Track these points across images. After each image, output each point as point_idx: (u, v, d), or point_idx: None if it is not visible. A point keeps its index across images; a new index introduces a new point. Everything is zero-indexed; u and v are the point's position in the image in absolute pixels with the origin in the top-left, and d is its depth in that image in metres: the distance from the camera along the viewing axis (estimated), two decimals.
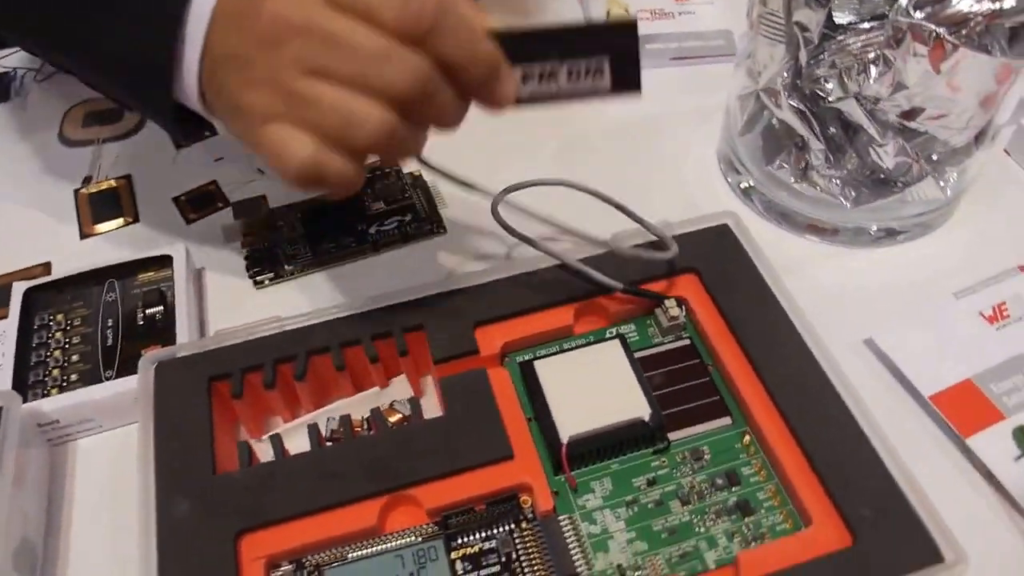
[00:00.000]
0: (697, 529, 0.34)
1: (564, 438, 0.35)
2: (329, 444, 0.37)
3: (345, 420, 0.37)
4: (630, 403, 0.36)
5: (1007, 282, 0.44)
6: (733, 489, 0.35)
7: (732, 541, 0.34)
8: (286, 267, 0.47)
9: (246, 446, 0.37)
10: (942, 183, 0.45)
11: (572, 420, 0.35)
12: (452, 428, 0.36)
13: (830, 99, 0.42)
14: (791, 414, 0.36)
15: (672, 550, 0.34)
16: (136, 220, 0.50)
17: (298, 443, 0.37)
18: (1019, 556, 0.35)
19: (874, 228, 0.46)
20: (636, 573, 0.33)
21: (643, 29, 0.60)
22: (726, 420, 0.37)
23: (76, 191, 0.52)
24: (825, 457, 0.34)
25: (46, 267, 0.48)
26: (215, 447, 0.36)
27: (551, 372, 0.37)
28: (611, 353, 0.38)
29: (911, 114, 0.40)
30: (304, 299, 0.45)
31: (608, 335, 0.41)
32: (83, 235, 0.50)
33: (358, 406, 0.39)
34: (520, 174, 0.43)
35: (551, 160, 0.52)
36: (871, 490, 0.33)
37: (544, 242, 0.41)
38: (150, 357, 0.38)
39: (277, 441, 0.36)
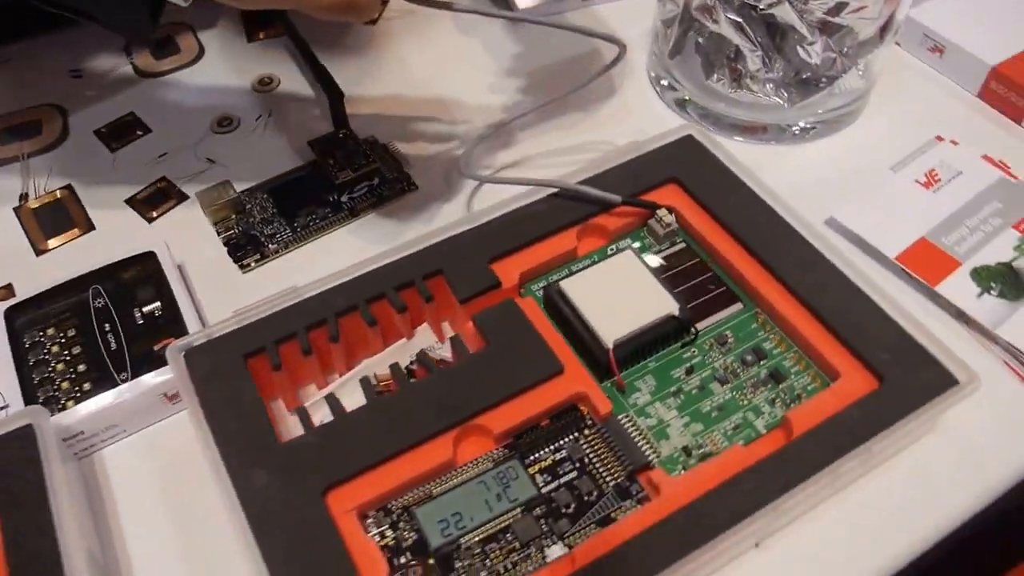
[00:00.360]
0: (741, 403, 0.37)
1: (609, 343, 0.37)
2: (382, 395, 0.37)
3: (395, 368, 0.37)
4: (658, 303, 0.38)
5: (930, 152, 0.49)
6: (761, 363, 0.38)
7: (774, 406, 0.37)
8: (269, 247, 0.46)
9: (304, 411, 0.36)
10: (860, 73, 0.49)
11: (611, 327, 0.37)
12: (499, 356, 0.37)
13: (762, 6, 0.45)
14: (796, 286, 0.39)
15: (725, 425, 0.36)
16: (92, 228, 0.48)
17: (348, 401, 0.37)
18: (997, 375, 0.40)
19: (804, 123, 0.50)
20: (700, 451, 0.36)
21: None
22: (738, 306, 0.40)
23: (16, 209, 0.49)
24: (836, 317, 0.38)
25: (8, 289, 0.44)
26: (271, 417, 0.35)
27: (579, 289, 0.38)
28: (628, 263, 0.39)
29: (836, 9, 0.44)
30: (298, 273, 0.44)
31: (609, 252, 0.42)
32: (38, 252, 0.47)
33: (390, 359, 0.39)
34: (464, 122, 0.44)
35: (498, 106, 0.53)
36: (883, 337, 0.37)
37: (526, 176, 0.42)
38: (176, 348, 0.37)
39: (334, 400, 0.36)
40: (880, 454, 0.35)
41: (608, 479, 0.35)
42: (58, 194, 0.49)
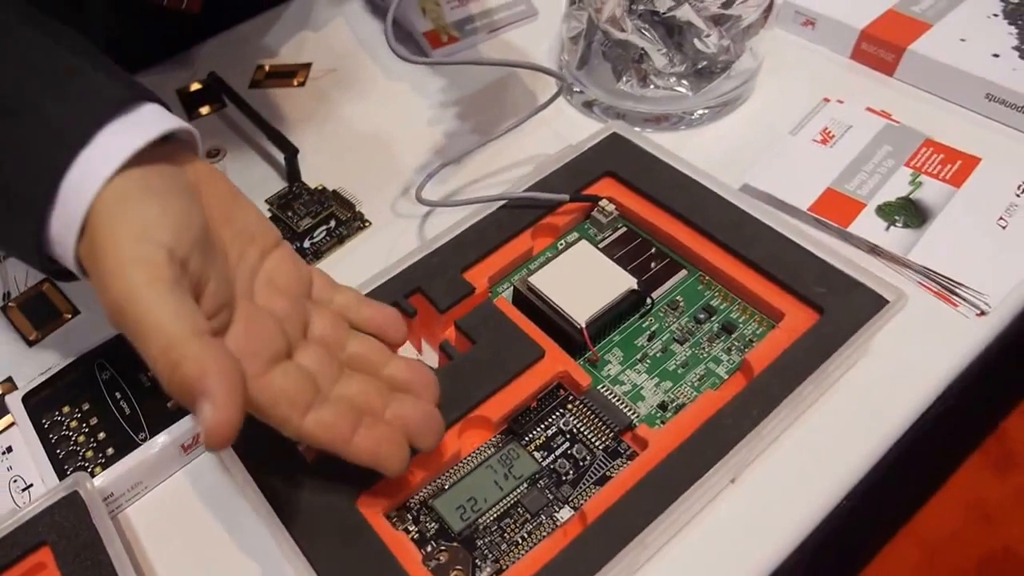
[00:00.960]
0: (701, 356, 0.40)
1: (581, 323, 0.39)
2: None
3: None
4: (617, 281, 0.41)
5: (821, 112, 0.53)
6: (713, 319, 0.42)
7: (731, 353, 0.40)
8: None
9: None
10: (749, 55, 0.53)
11: (580, 309, 0.40)
12: (487, 351, 0.39)
13: (663, 10, 0.49)
14: (730, 244, 0.42)
15: (691, 378, 0.39)
16: (77, 312, 0.49)
17: None
18: (914, 295, 0.44)
19: (706, 107, 0.54)
20: (674, 404, 0.39)
21: (455, 15, 0.64)
22: (683, 273, 0.43)
23: (2, 309, 0.49)
24: (771, 264, 0.41)
25: (9, 382, 0.45)
26: (293, 443, 0.37)
27: (546, 281, 0.41)
28: (584, 252, 0.42)
29: (729, 3, 0.48)
30: None
31: (560, 246, 0.45)
32: (31, 343, 0.48)
33: None
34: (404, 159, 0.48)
35: (434, 140, 0.56)
36: (815, 275, 0.40)
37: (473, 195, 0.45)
38: None
39: None
40: (830, 376, 0.38)
41: (598, 443, 0.37)
42: (41, 288, 0.50)
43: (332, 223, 0.51)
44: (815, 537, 0.36)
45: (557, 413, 0.38)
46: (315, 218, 0.51)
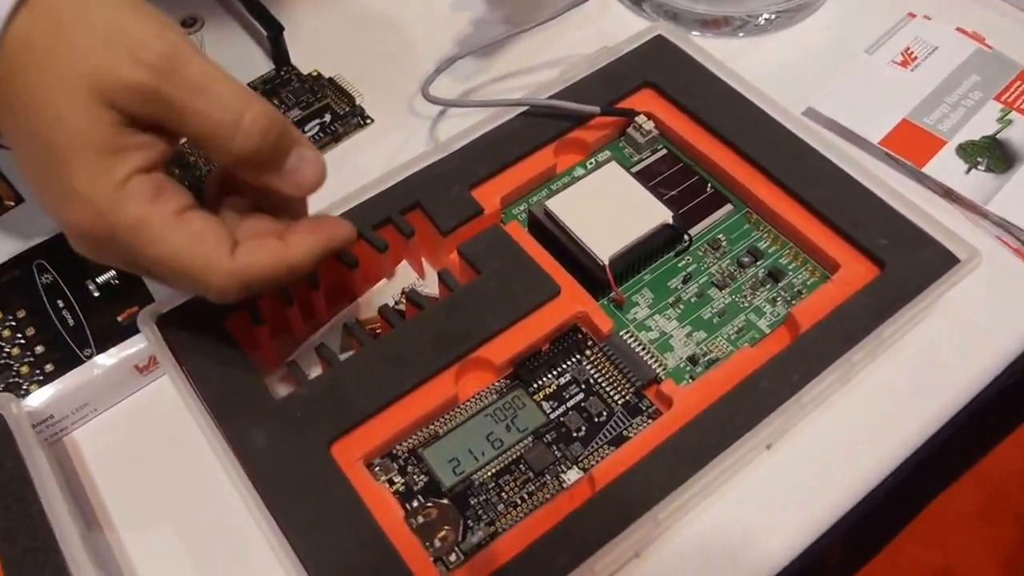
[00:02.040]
0: (742, 305, 0.38)
1: (604, 259, 0.37)
2: (375, 339, 0.37)
3: (385, 309, 0.37)
4: (650, 212, 0.39)
5: (904, 30, 0.50)
6: (758, 263, 0.40)
7: (776, 305, 0.38)
8: None
9: (295, 364, 0.36)
10: None
11: (604, 242, 0.38)
12: (493, 283, 0.37)
13: None
14: (784, 180, 0.40)
15: (728, 330, 0.38)
16: (21, 200, 0.47)
17: (338, 349, 0.37)
18: (991, 250, 0.42)
19: (769, 12, 0.51)
20: (706, 358, 0.37)
21: None
22: (728, 207, 0.41)
23: None
24: (829, 207, 0.39)
25: None
26: (259, 375, 0.35)
27: (566, 207, 0.39)
28: (614, 175, 0.40)
29: None
30: None
31: (589, 165, 0.43)
32: None
33: (374, 302, 0.39)
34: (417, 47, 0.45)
35: (451, 32, 0.53)
36: (879, 222, 0.38)
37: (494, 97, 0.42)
38: (147, 315, 0.37)
39: (325, 350, 0.36)
40: (886, 340, 0.37)
41: (616, 398, 0.36)
42: None
43: (327, 117, 0.48)
44: (857, 511, 0.36)
45: (572, 360, 0.37)
46: (306, 109, 0.49)
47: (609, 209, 0.39)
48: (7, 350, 0.39)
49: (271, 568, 0.32)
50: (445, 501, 0.34)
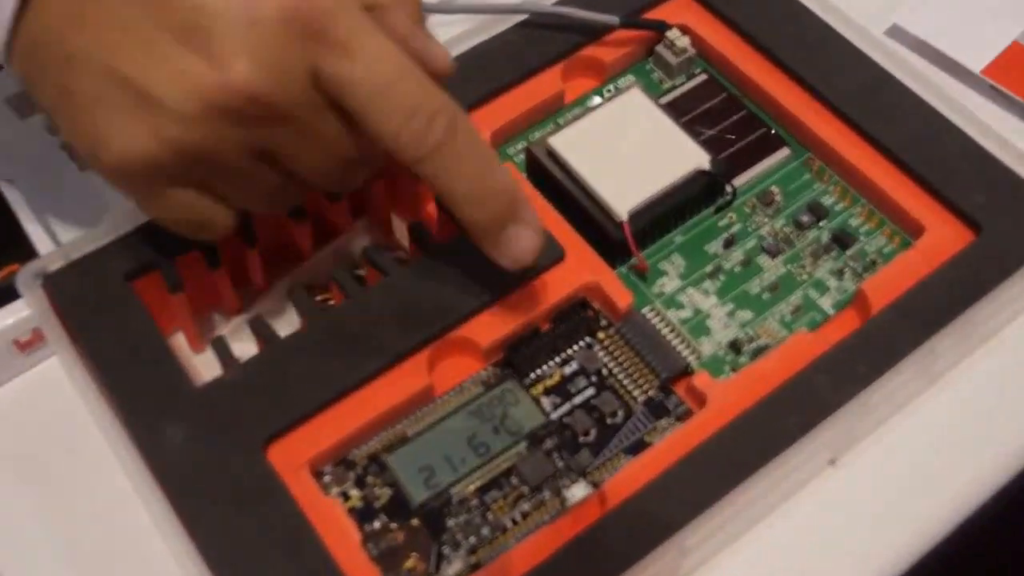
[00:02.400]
0: (800, 278, 0.38)
1: (622, 215, 0.37)
2: (325, 311, 0.37)
3: (339, 274, 0.37)
4: (681, 156, 0.39)
5: None
6: (821, 224, 0.40)
7: (843, 279, 0.38)
8: None
9: (222, 342, 0.36)
10: None
11: (622, 193, 0.38)
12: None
13: None
14: (858, 118, 0.40)
15: (781, 308, 0.38)
16: None
17: (279, 324, 0.37)
18: None
19: None
20: (752, 345, 0.37)
21: None
22: (784, 151, 0.41)
23: None
24: (914, 154, 0.39)
25: None
26: (176, 355, 0.35)
27: (575, 147, 0.39)
28: (637, 106, 0.40)
29: None
30: None
31: (606, 93, 0.43)
32: None
33: (327, 264, 0.39)
34: None
35: None
36: (977, 175, 0.38)
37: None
38: (28, 275, 0.36)
39: (261, 325, 0.36)
40: (983, 326, 0.37)
41: (636, 393, 0.36)
42: None
43: None
44: (949, 546, 0.36)
45: (579, 344, 0.37)
46: None
47: (630, 150, 0.39)
48: None
49: None
50: (415, 522, 0.34)
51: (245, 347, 0.37)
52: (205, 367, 0.38)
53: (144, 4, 0.30)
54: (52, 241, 0.40)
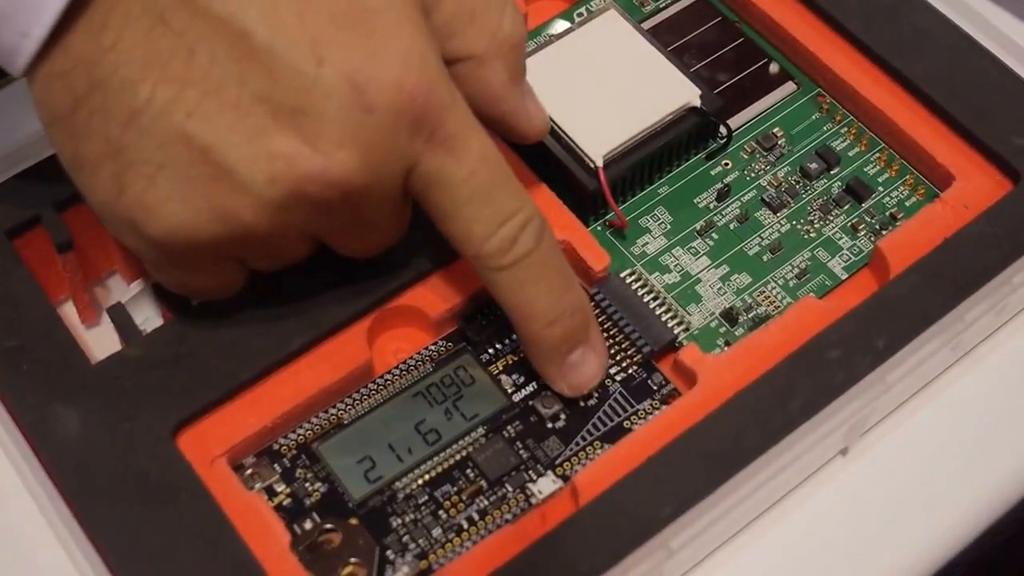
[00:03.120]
0: (806, 235, 0.40)
1: (596, 160, 0.39)
2: None
3: None
4: (667, 90, 0.40)
5: None
6: (832, 172, 0.41)
7: (857, 236, 0.40)
8: None
9: (122, 310, 0.37)
10: None
11: (596, 134, 0.39)
12: None
13: None
14: (877, 47, 0.41)
15: (784, 272, 0.40)
16: None
17: None
18: None
19: None
20: (750, 314, 0.39)
21: None
22: (789, 86, 0.43)
23: None
24: (942, 89, 0.41)
25: None
26: (67, 325, 0.36)
27: (539, 80, 0.39)
28: (611, 30, 0.41)
29: None
30: None
31: (577, 16, 0.44)
32: None
33: None
34: None
35: None
36: (1014, 113, 0.40)
37: None
38: None
39: (167, 291, 0.37)
40: (1020, 290, 0.38)
41: (613, 371, 0.37)
42: None
43: None
44: (977, 548, 0.37)
45: None
46: None
47: (606, 84, 0.40)
48: None
49: None
50: (353, 521, 0.35)
51: (148, 317, 0.39)
52: (99, 342, 0.39)
53: (243, 69, 0.30)
54: None
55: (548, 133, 0.39)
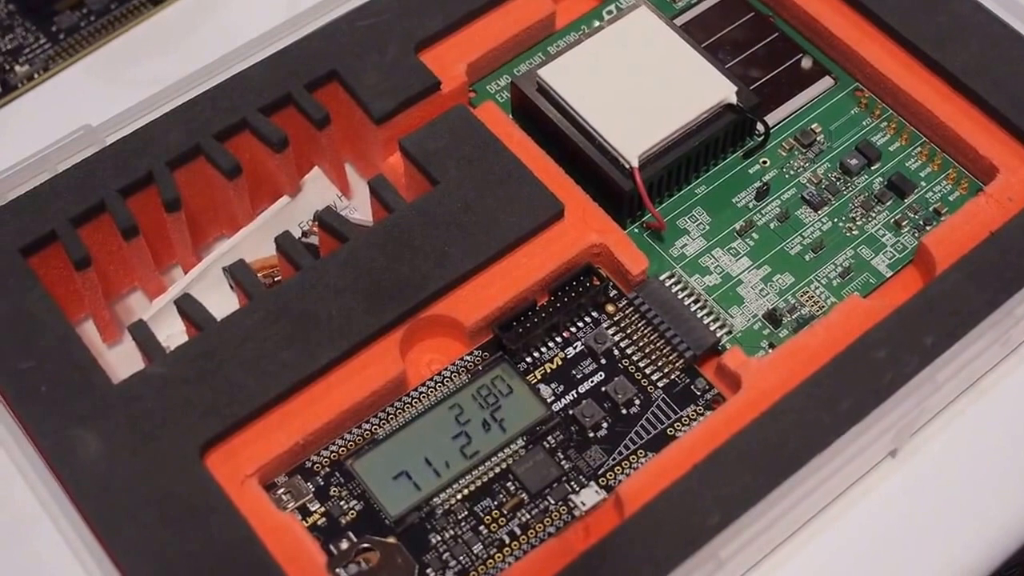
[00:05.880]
0: (849, 233, 0.40)
1: (632, 160, 0.39)
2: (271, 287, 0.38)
3: (285, 241, 0.38)
4: (703, 87, 0.40)
5: None
6: (874, 168, 0.41)
7: (900, 232, 0.40)
8: (16, 70, 0.46)
9: (143, 328, 0.37)
10: None
11: (631, 134, 0.39)
12: (456, 200, 0.38)
13: None
14: (917, 39, 0.41)
15: (827, 271, 0.39)
16: None
17: (212, 305, 0.38)
18: None
19: None
20: (794, 315, 0.39)
21: None
22: (826, 81, 0.43)
23: None
24: (984, 81, 0.40)
25: None
26: (87, 346, 0.36)
27: (571, 78, 0.40)
28: (643, 27, 0.41)
29: None
30: (85, 105, 0.44)
31: (606, 15, 0.44)
32: None
33: (269, 232, 0.40)
34: None
35: None
36: None
37: None
38: None
39: (192, 304, 0.37)
40: None
41: (655, 377, 0.37)
42: None
43: None
44: None
45: (584, 320, 0.38)
46: None
47: (639, 82, 0.40)
48: None
49: None
50: (391, 540, 0.35)
51: (171, 334, 0.39)
52: (121, 361, 0.39)
53: None
54: None
55: (580, 133, 0.39)
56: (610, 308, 0.38)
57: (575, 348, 0.38)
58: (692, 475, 0.34)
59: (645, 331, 0.38)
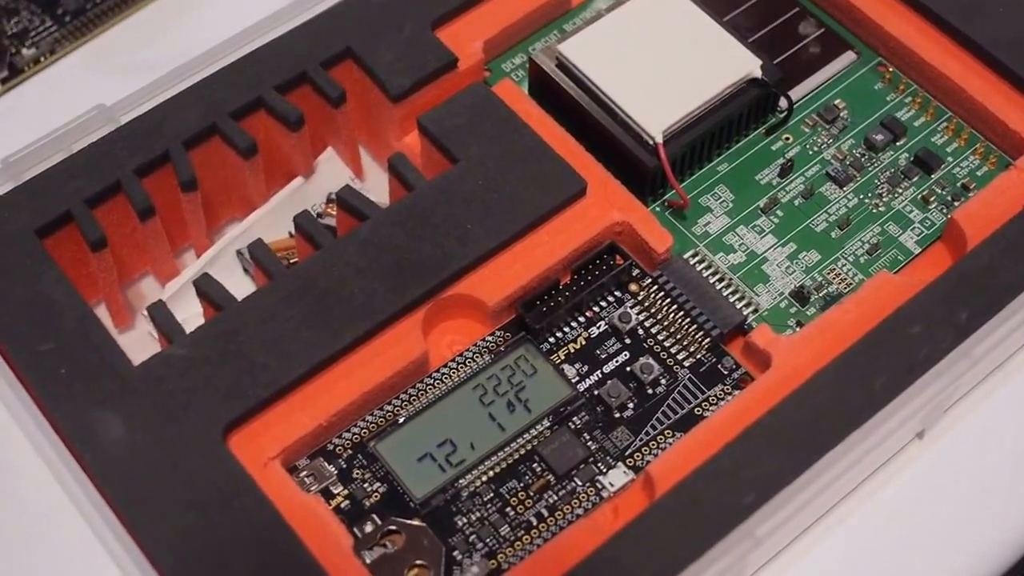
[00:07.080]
0: (876, 210, 0.40)
1: (656, 136, 0.39)
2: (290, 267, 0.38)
3: (304, 220, 0.38)
4: (726, 61, 0.40)
5: None
6: (899, 143, 0.41)
7: (928, 208, 0.40)
8: (23, 52, 0.46)
9: (163, 309, 0.37)
10: None
11: (654, 109, 0.39)
12: (477, 178, 0.38)
13: None
14: (940, 9, 0.41)
15: (854, 247, 0.39)
16: None
17: (230, 285, 0.38)
18: None
19: None
20: (822, 293, 0.39)
21: None
22: (849, 55, 0.43)
23: None
24: (1012, 52, 0.40)
25: None
26: (105, 329, 0.36)
27: (592, 53, 0.40)
28: (663, 1, 0.41)
29: None
30: (100, 85, 0.44)
31: None
32: None
33: (286, 212, 0.40)
34: None
35: None
36: None
37: None
38: None
39: (212, 285, 0.37)
40: None
41: (681, 356, 0.37)
42: None
43: None
44: None
45: (609, 299, 0.38)
46: None
47: (661, 57, 0.40)
48: None
49: None
50: (416, 522, 0.35)
51: (188, 316, 0.38)
52: (132, 348, 0.39)
53: None
54: None
55: (602, 109, 0.39)
56: (634, 287, 0.38)
57: (599, 328, 0.38)
58: (724, 454, 0.34)
59: (670, 310, 0.38)
